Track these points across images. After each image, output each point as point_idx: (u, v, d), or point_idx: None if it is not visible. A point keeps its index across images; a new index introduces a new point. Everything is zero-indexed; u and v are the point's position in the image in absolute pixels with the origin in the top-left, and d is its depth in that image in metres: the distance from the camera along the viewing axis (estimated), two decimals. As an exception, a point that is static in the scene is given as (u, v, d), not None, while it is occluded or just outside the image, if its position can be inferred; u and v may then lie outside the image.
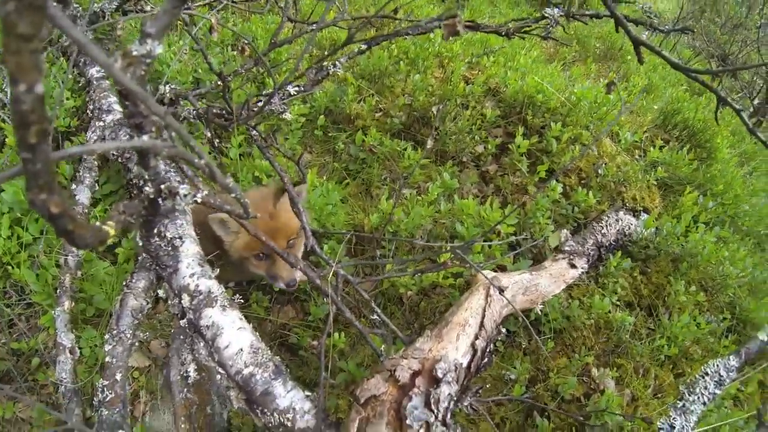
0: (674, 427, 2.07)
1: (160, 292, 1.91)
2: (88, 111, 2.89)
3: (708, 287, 3.06)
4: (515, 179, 3.06)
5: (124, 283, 1.94)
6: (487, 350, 1.88)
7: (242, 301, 1.79)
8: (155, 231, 1.77)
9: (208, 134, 2.46)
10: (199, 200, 1.25)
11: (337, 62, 2.42)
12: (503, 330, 2.14)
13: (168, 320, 2.44)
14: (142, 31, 1.04)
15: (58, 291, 2.25)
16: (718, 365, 2.32)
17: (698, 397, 2.16)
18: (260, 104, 2.18)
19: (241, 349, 1.60)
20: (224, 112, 2.43)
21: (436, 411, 1.39)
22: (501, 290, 1.81)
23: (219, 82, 2.53)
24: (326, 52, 3.83)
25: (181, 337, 1.76)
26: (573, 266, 2.50)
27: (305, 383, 2.23)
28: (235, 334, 1.63)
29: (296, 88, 2.33)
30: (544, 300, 2.38)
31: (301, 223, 1.86)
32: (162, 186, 1.18)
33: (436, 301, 2.43)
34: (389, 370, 1.50)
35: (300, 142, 3.08)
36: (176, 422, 1.64)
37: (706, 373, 2.23)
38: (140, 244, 1.84)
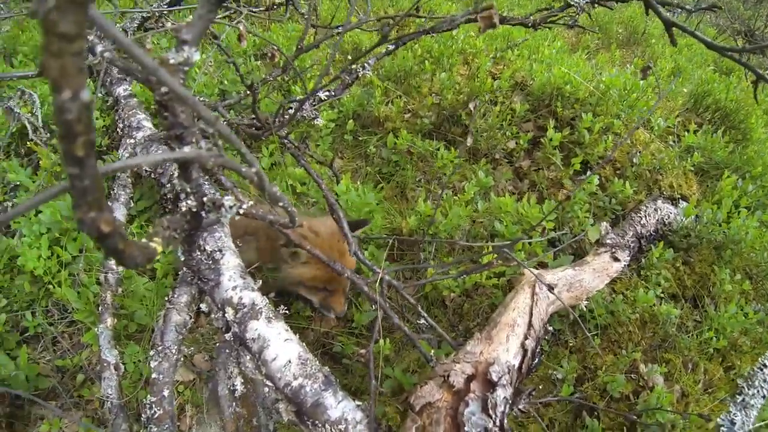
0: (735, 423, 1.98)
1: (203, 306, 1.89)
2: (117, 129, 2.91)
3: (753, 275, 2.94)
4: (550, 173, 2.99)
5: (166, 299, 1.93)
6: (537, 350, 1.83)
7: (287, 312, 1.77)
8: (197, 245, 1.76)
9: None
10: (243, 212, 1.22)
11: (366, 64, 2.39)
12: (550, 328, 2.08)
13: (210, 334, 2.43)
14: (177, 39, 1.01)
15: (100, 308, 2.25)
16: (775, 355, 2.23)
17: (758, 391, 2.07)
18: (291, 111, 2.16)
19: (290, 361, 1.57)
20: (254, 121, 2.41)
21: (493, 416, 1.35)
22: (551, 288, 1.75)
23: (247, 92, 2.53)
24: (349, 56, 3.82)
25: (227, 351, 1.74)
26: (616, 259, 2.43)
27: (351, 391, 2.19)
28: (282, 346, 1.61)
29: (327, 93, 2.30)
30: (588, 296, 2.32)
31: (343, 230, 1.83)
32: (205, 198, 1.15)
33: (478, 302, 2.38)
34: (442, 376, 1.46)
35: (330, 147, 3.06)
36: None
37: (765, 365, 2.14)
38: (182, 258, 1.83)
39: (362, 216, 2.43)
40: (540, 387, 2.25)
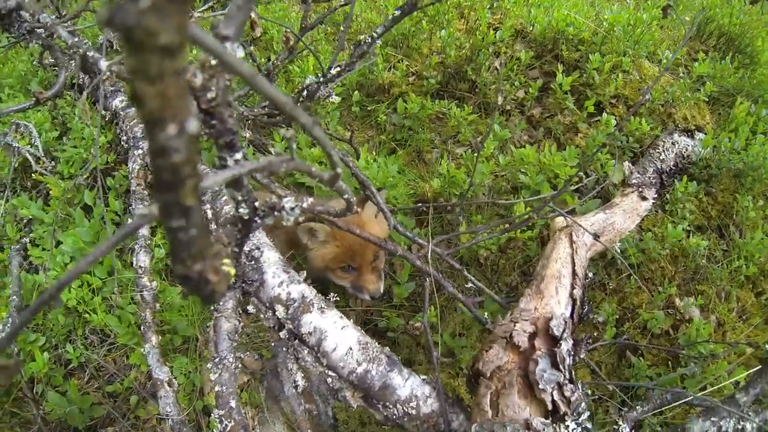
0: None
1: (250, 308, 1.84)
2: (121, 143, 2.84)
3: (775, 200, 2.91)
4: (564, 119, 2.91)
5: (212, 308, 1.87)
6: (584, 298, 1.80)
7: (338, 299, 1.72)
8: (245, 250, 1.70)
9: (248, 134, 2.37)
10: (302, 210, 1.14)
11: (374, 33, 2.28)
12: (590, 275, 2.05)
13: (256, 332, 2.40)
14: (215, 34, 0.93)
15: (141, 328, 2.20)
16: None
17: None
18: (305, 92, 2.07)
19: (350, 348, 1.54)
20: (265, 109, 2.32)
21: (563, 369, 1.32)
22: (597, 236, 1.71)
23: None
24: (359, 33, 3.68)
25: (284, 348, 1.70)
26: (644, 198, 2.39)
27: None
28: (339, 335, 1.57)
29: (338, 68, 2.21)
30: (621, 237, 2.28)
31: (379, 205, 1.77)
32: (256, 204, 1.08)
33: (512, 257, 2.35)
34: (504, 337, 1.43)
35: (339, 122, 2.97)
36: None
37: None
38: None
39: (387, 186, 2.38)
40: (584, 333, 2.24)
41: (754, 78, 3.29)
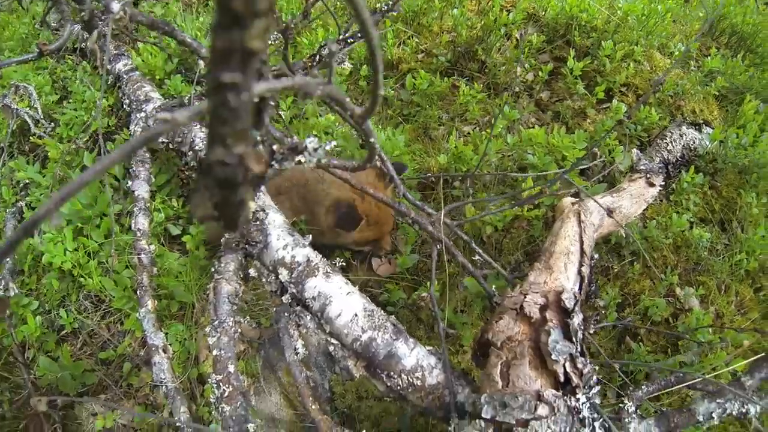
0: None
1: (252, 272, 1.76)
2: (124, 106, 2.79)
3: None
4: (573, 103, 2.85)
5: (213, 270, 1.79)
6: (592, 277, 1.75)
7: (344, 264, 1.65)
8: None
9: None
10: (326, 153, 1.06)
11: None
12: (595, 256, 2.00)
13: (255, 299, 2.33)
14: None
15: (138, 292, 2.13)
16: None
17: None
18: (318, 58, 1.99)
19: (356, 315, 1.46)
20: (278, 76, 2.24)
21: (575, 341, 1.27)
22: (610, 212, 1.65)
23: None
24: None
25: (286, 314, 1.62)
26: (651, 184, 2.33)
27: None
28: (345, 301, 1.50)
29: (351, 38, 2.13)
30: (627, 222, 2.23)
31: (389, 173, 1.70)
32: (274, 147, 0.99)
33: (516, 236, 2.29)
34: (514, 309, 1.37)
35: (347, 95, 2.89)
36: (305, 403, 1.51)
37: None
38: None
39: (393, 158, 2.31)
40: (590, 312, 2.19)
41: (763, 78, 3.25)
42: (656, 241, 2.42)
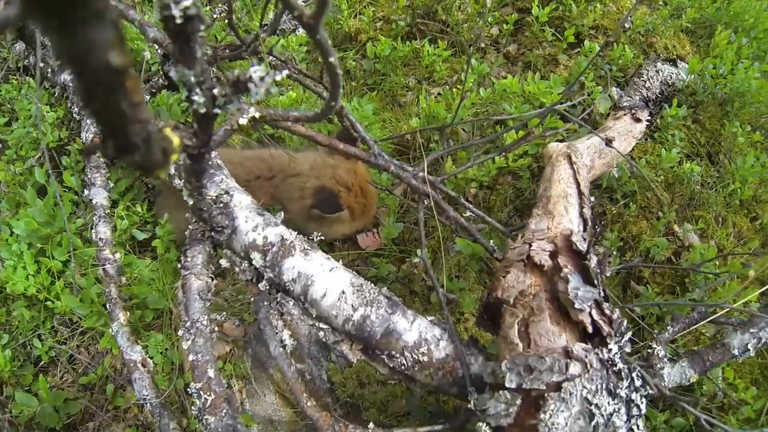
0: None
1: (223, 262, 1.54)
2: (73, 116, 2.64)
3: (759, 126, 2.74)
4: (543, 51, 2.67)
5: (179, 266, 1.56)
6: (594, 218, 1.57)
7: (322, 238, 1.45)
8: (212, 195, 1.40)
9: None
10: (278, 80, 0.84)
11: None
12: (592, 198, 1.82)
13: (235, 295, 2.11)
14: None
15: (107, 306, 1.93)
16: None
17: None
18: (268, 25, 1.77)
19: (343, 292, 1.25)
20: (228, 46, 2.01)
21: (597, 285, 1.08)
22: (609, 141, 1.47)
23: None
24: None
25: (265, 302, 1.41)
26: (637, 120, 2.16)
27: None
28: (328, 278, 1.28)
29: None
30: (618, 160, 2.06)
31: (362, 135, 1.49)
32: (215, 90, 0.78)
33: (503, 192, 2.10)
34: (521, 260, 1.18)
35: (307, 71, 2.66)
36: (299, 399, 1.30)
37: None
38: (190, 202, 1.45)
39: (363, 127, 2.10)
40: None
41: (730, 10, 3.11)
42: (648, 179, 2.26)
